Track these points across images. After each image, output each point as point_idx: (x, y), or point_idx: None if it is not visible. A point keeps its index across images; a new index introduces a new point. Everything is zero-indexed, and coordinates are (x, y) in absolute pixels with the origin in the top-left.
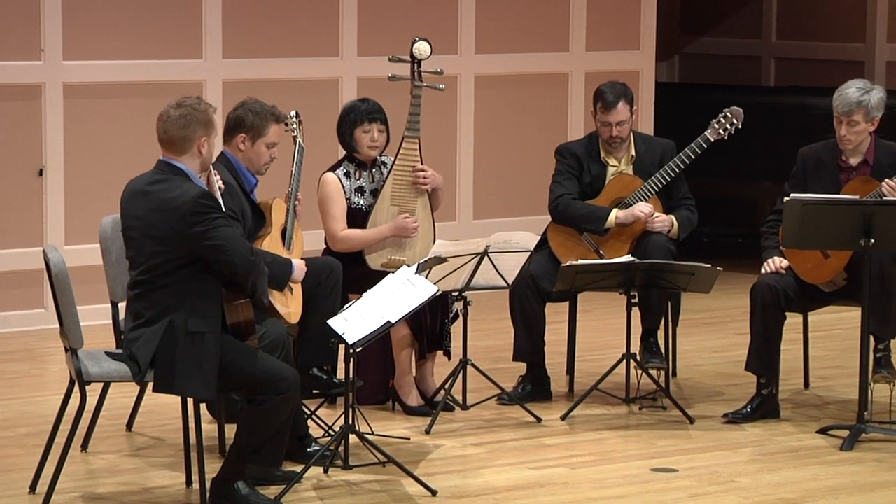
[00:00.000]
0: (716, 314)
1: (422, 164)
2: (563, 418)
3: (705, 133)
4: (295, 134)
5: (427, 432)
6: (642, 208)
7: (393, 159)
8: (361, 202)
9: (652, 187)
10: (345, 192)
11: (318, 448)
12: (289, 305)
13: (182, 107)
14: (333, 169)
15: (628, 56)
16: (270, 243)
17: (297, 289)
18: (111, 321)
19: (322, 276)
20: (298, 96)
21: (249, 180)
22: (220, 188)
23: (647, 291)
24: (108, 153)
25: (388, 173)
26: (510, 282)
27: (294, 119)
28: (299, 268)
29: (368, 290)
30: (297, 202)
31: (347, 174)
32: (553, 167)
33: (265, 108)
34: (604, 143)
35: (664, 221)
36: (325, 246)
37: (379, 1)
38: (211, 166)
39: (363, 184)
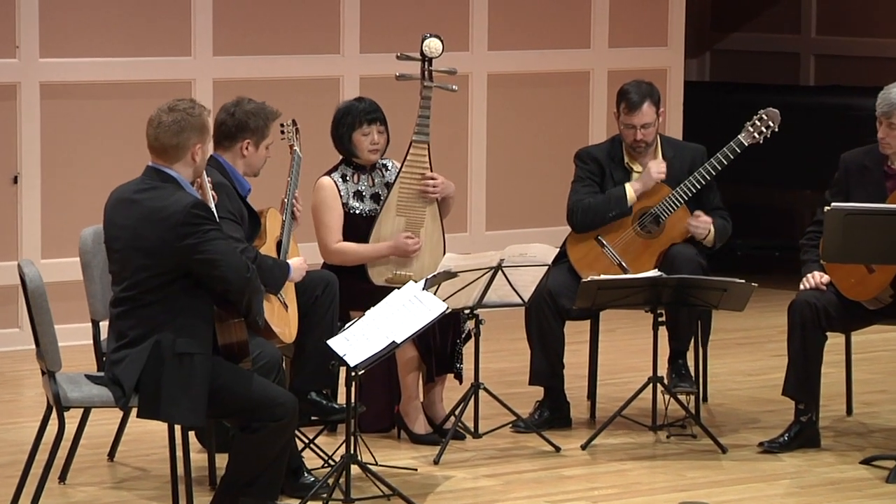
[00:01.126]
0: (750, 334)
1: (431, 171)
2: (583, 447)
3: (739, 137)
4: (292, 143)
5: (436, 462)
6: (656, 168)
7: (400, 166)
8: (361, 208)
9: (681, 196)
10: (342, 197)
11: (314, 480)
12: (284, 324)
13: (175, 111)
14: (329, 173)
15: (655, 53)
16: (266, 254)
17: (293, 305)
18: (92, 341)
19: (318, 291)
20: (296, 97)
21: (244, 186)
22: (213, 196)
23: (676, 309)
24: (90, 158)
25: (395, 181)
26: (526, 299)
27: (291, 127)
28: (297, 267)
29: (372, 308)
30: (294, 206)
31: (345, 178)
32: (572, 173)
33: (260, 107)
34: (627, 148)
35: (707, 222)
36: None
37: None
38: (203, 172)
39: (362, 188)
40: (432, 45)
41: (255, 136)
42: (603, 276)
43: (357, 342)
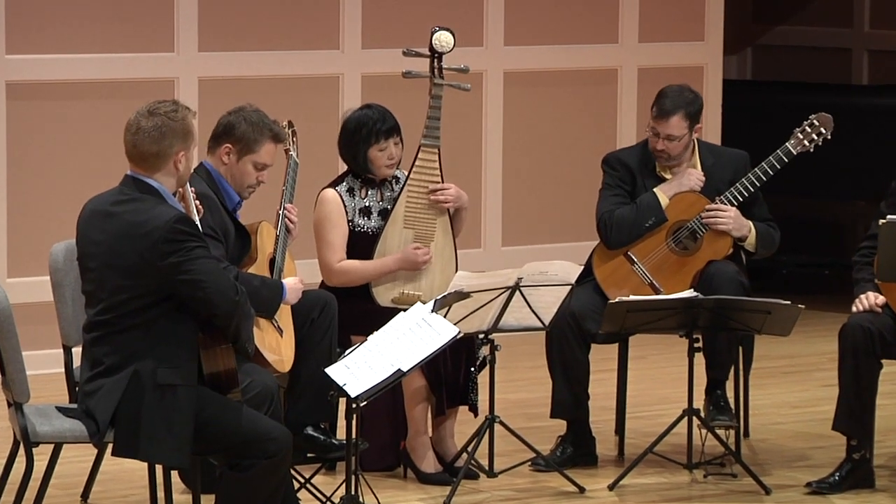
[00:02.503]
0: (796, 361)
1: (442, 178)
2: (611, 488)
3: (787, 144)
4: (288, 147)
5: None
6: (699, 173)
7: (407, 173)
8: (367, 225)
9: None
10: (346, 213)
11: None
12: (280, 351)
13: (155, 115)
14: (334, 185)
15: (690, 48)
16: (256, 272)
17: (289, 330)
18: (63, 370)
19: (314, 313)
20: (291, 97)
21: (232, 198)
22: (198, 209)
23: (714, 334)
24: (61, 166)
25: (401, 189)
26: (547, 322)
27: (286, 130)
28: (292, 288)
29: (375, 332)
30: (287, 218)
31: (351, 191)
32: (600, 181)
33: (264, 121)
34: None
35: (729, 216)
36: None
37: None
38: (187, 183)
39: (369, 203)
40: (443, 40)
41: (239, 146)
42: (633, 297)
43: (359, 370)
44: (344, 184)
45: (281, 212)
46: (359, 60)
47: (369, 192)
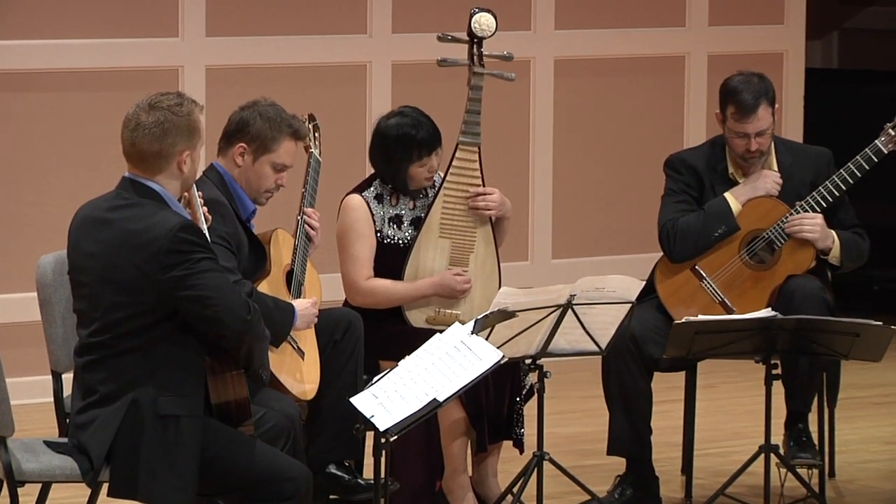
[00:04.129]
0: (889, 391)
1: (483, 181)
2: None
3: (877, 143)
4: (308, 144)
5: None
6: (775, 175)
7: (443, 175)
8: (398, 236)
9: None
10: (374, 222)
11: None
12: (302, 376)
13: (157, 109)
14: (360, 190)
15: (768, 33)
16: (270, 288)
17: (312, 351)
18: (53, 399)
19: (337, 335)
20: (311, 88)
21: (246, 206)
22: (205, 217)
23: (794, 359)
24: (51, 166)
25: (436, 194)
26: (604, 345)
27: (307, 124)
28: (303, 314)
29: (407, 357)
30: (308, 224)
31: (379, 198)
32: (662, 185)
33: (282, 116)
34: (734, 156)
35: (815, 224)
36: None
37: None
38: (194, 184)
39: (401, 211)
40: (483, 22)
41: (254, 145)
42: (701, 317)
43: (388, 400)
44: (371, 189)
45: (300, 217)
46: (389, 46)
47: (401, 199)
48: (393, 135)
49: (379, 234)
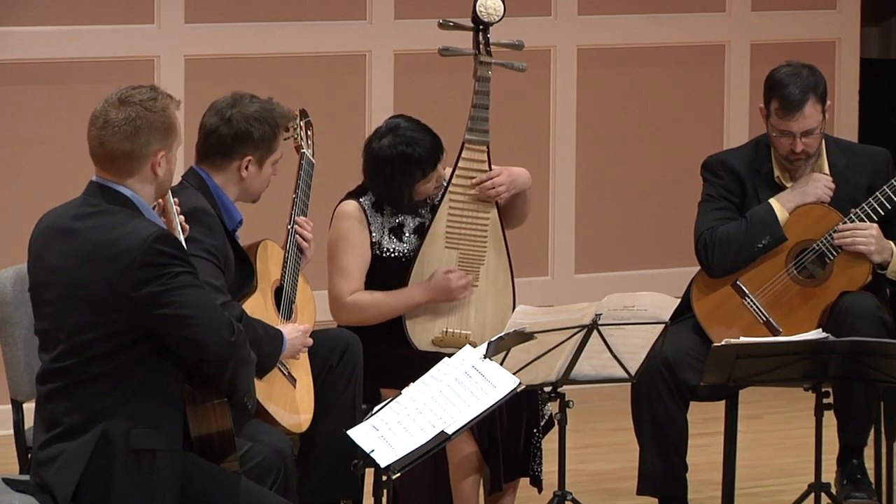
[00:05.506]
0: None
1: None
2: None
3: None
4: (300, 143)
5: None
6: (826, 179)
7: (448, 177)
8: (399, 248)
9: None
10: (372, 234)
11: None
12: (293, 405)
13: (128, 104)
14: (356, 195)
15: (819, 19)
16: (256, 308)
17: (305, 378)
18: (12, 431)
19: (332, 359)
20: (304, 80)
21: (233, 216)
22: (183, 227)
23: (848, 387)
24: (8, 169)
25: (441, 198)
26: (633, 371)
27: (299, 123)
28: (293, 341)
29: (412, 384)
30: (300, 235)
31: (377, 205)
32: (699, 191)
33: (267, 108)
34: (779, 158)
35: (870, 235)
36: None
37: None
38: (169, 192)
39: (403, 220)
40: (489, 6)
41: (260, 151)
42: (743, 339)
43: (390, 433)
44: (368, 195)
45: (291, 227)
46: (391, 34)
47: None
48: (388, 156)
49: (377, 247)
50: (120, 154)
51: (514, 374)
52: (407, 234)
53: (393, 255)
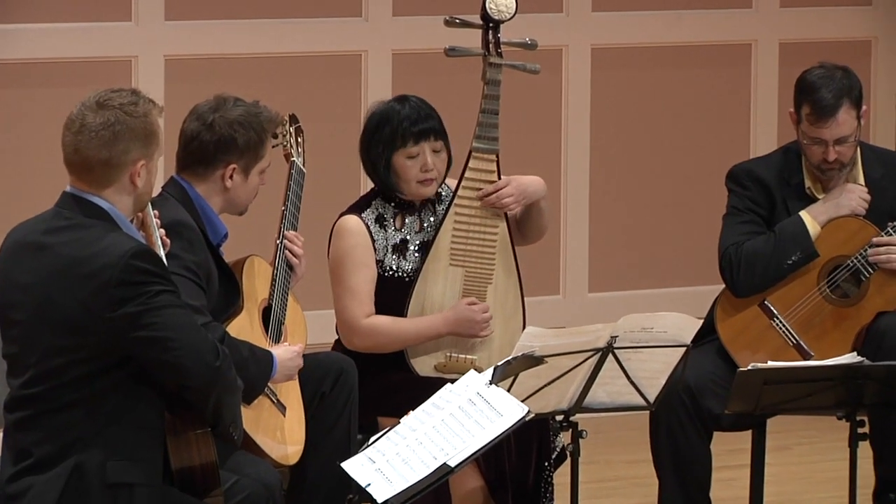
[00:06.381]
0: None
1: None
2: None
3: None
4: (289, 150)
5: None
6: (861, 190)
7: (454, 189)
8: (403, 267)
9: None
10: (376, 250)
11: None
12: (283, 436)
13: (106, 108)
14: (358, 210)
15: (854, 15)
16: (242, 329)
17: (296, 407)
18: None
19: (325, 386)
20: (294, 83)
21: (218, 229)
22: (163, 242)
23: (885, 415)
24: None
25: (446, 211)
26: (652, 398)
27: (288, 129)
28: (284, 363)
29: (411, 412)
30: (289, 251)
31: (381, 220)
32: (724, 203)
33: (252, 112)
34: (811, 167)
35: None
36: (337, 337)
37: None
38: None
39: (406, 236)
40: (500, 3)
41: (245, 159)
42: (772, 364)
43: (388, 466)
44: (371, 209)
45: (280, 242)
46: (389, 32)
47: (406, 220)
48: (377, 112)
49: (380, 265)
50: (96, 162)
51: (522, 401)
52: (411, 251)
53: (396, 274)
